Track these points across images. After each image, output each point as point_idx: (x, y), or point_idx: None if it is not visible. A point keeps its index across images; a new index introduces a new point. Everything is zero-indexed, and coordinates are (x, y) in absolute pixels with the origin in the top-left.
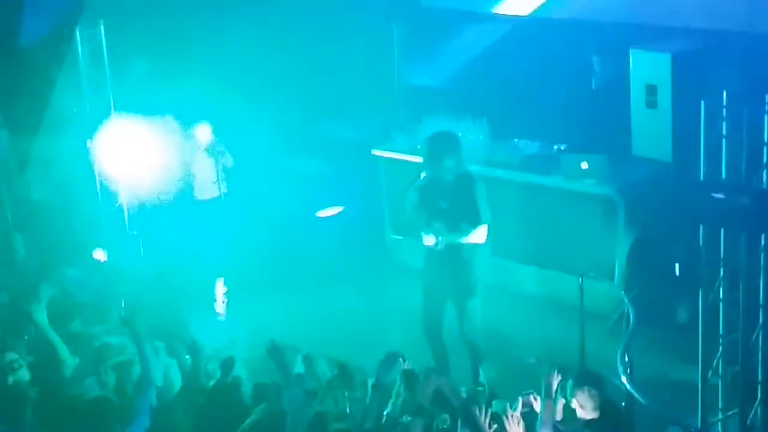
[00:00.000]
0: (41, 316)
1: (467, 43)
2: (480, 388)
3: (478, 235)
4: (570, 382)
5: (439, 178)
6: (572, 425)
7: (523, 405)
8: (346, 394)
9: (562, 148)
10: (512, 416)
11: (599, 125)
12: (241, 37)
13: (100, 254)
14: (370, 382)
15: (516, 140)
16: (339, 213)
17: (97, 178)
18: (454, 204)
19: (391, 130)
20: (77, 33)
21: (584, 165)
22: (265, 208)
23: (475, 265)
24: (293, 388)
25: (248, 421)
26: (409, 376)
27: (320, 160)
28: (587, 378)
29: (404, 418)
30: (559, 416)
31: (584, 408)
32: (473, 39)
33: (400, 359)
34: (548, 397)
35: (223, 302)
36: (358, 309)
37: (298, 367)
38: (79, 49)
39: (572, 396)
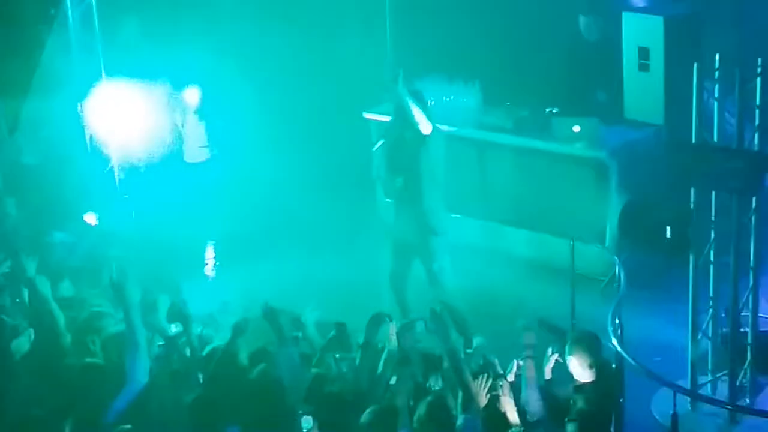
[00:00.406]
0: (44, 287)
1: (459, 5)
2: (469, 350)
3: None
4: (568, 345)
5: (405, 137)
6: (564, 387)
7: (518, 369)
8: (338, 355)
9: (554, 111)
10: (505, 382)
11: (591, 88)
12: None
13: (90, 218)
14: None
15: (508, 103)
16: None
17: (88, 141)
18: (414, 162)
19: (382, 93)
20: None
21: (576, 128)
22: (256, 171)
23: (436, 229)
24: (289, 351)
25: (246, 380)
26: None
27: (311, 122)
28: (588, 342)
29: (393, 380)
30: (548, 376)
31: (582, 371)
32: (465, 1)
33: (387, 319)
34: (529, 357)
35: (215, 265)
36: (348, 272)
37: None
38: (70, 11)
39: (570, 356)
